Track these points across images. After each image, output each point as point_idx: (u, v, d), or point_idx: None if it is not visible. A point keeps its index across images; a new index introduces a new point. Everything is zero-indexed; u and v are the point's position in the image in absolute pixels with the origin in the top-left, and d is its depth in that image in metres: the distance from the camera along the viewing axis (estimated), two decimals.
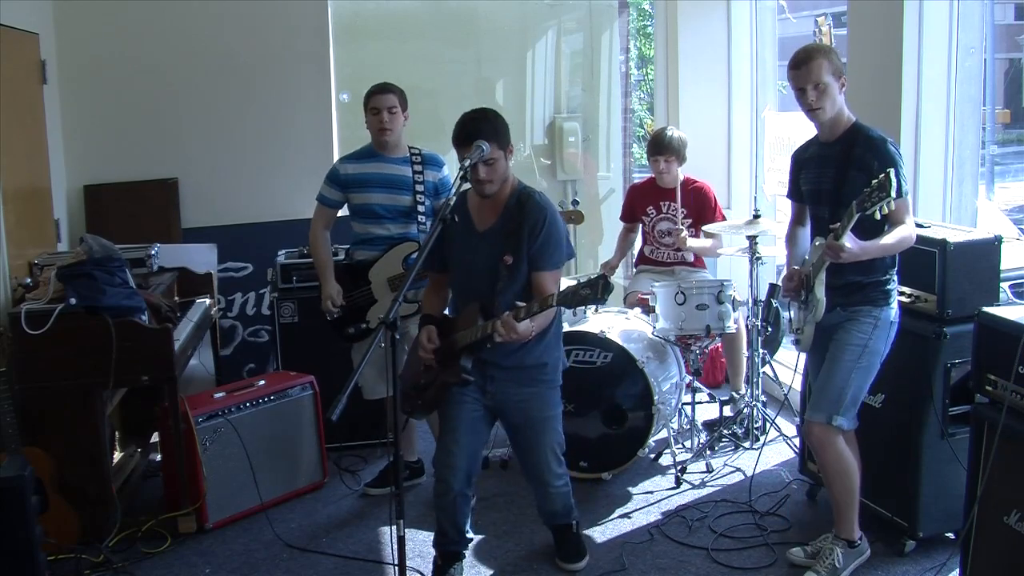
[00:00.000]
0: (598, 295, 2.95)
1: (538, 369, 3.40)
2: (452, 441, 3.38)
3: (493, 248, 3.30)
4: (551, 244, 3.29)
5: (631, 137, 7.45)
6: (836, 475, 3.40)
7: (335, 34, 5.74)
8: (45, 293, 3.79)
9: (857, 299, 3.33)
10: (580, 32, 6.68)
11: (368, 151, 4.21)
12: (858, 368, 3.30)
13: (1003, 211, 6.96)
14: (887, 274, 3.34)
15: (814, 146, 3.46)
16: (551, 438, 3.44)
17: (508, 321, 3.09)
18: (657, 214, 4.98)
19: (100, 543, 3.73)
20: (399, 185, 4.12)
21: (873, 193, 2.97)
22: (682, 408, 4.72)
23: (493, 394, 3.39)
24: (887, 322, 3.33)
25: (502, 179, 3.28)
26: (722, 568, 3.60)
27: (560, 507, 3.58)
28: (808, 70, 3.23)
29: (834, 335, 3.38)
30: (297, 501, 4.27)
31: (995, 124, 6.97)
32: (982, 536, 3.07)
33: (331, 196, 4.21)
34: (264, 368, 5.39)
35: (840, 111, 3.30)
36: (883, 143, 3.23)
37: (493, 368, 3.36)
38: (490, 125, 3.22)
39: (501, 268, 3.26)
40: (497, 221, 3.33)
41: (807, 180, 3.47)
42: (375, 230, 4.17)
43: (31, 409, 3.68)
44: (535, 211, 3.29)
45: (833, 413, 3.31)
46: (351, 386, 2.69)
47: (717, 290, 4.40)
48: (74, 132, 5.28)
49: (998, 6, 7.27)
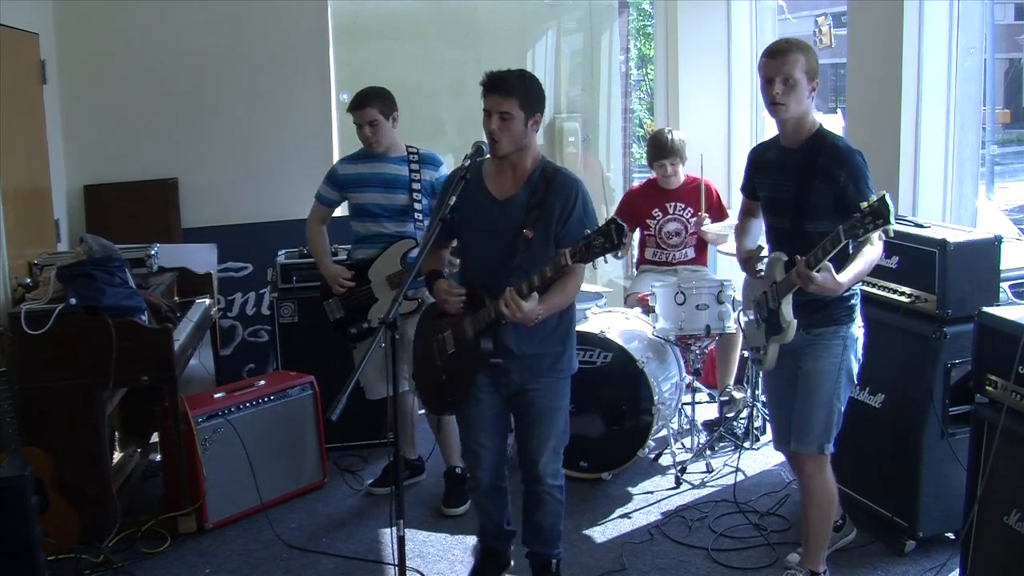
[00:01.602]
0: (614, 241, 2.75)
1: (555, 358, 3.21)
2: (474, 441, 3.31)
3: (513, 219, 3.10)
4: (586, 220, 3.08)
5: (631, 137, 7.45)
6: (820, 503, 3.26)
7: (335, 34, 5.73)
8: (45, 293, 3.79)
9: (820, 319, 3.15)
10: (580, 32, 6.67)
11: (365, 152, 4.23)
12: (837, 391, 3.17)
13: (1003, 211, 6.98)
14: (850, 290, 3.12)
15: (774, 150, 3.26)
16: (554, 428, 3.23)
17: (509, 296, 2.90)
18: (664, 216, 4.97)
19: (100, 543, 3.73)
20: (395, 184, 4.15)
21: (866, 219, 2.72)
22: (682, 408, 4.72)
23: (507, 384, 3.22)
24: (854, 337, 3.19)
25: (517, 142, 3.07)
26: (722, 568, 3.60)
27: (547, 523, 3.31)
28: (782, 61, 3.03)
29: (801, 363, 3.20)
30: (297, 501, 4.27)
31: (995, 124, 6.98)
32: (982, 536, 3.07)
33: (327, 195, 4.28)
34: (264, 368, 5.39)
35: (805, 114, 3.11)
36: (849, 152, 3.05)
37: (508, 356, 3.15)
38: (521, 82, 3.04)
39: (520, 242, 3.06)
40: (519, 192, 3.13)
41: (765, 186, 3.29)
42: (374, 228, 4.20)
43: (31, 409, 3.69)
44: (567, 185, 3.10)
45: (823, 442, 3.20)
46: (351, 386, 2.69)
47: (717, 290, 4.39)
48: (74, 132, 5.27)
49: (998, 6, 7.29)
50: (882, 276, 3.66)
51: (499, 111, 3.02)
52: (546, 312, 3.01)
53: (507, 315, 2.93)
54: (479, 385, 3.21)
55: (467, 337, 3.15)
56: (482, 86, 3.09)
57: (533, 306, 2.94)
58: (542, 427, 3.24)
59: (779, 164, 3.21)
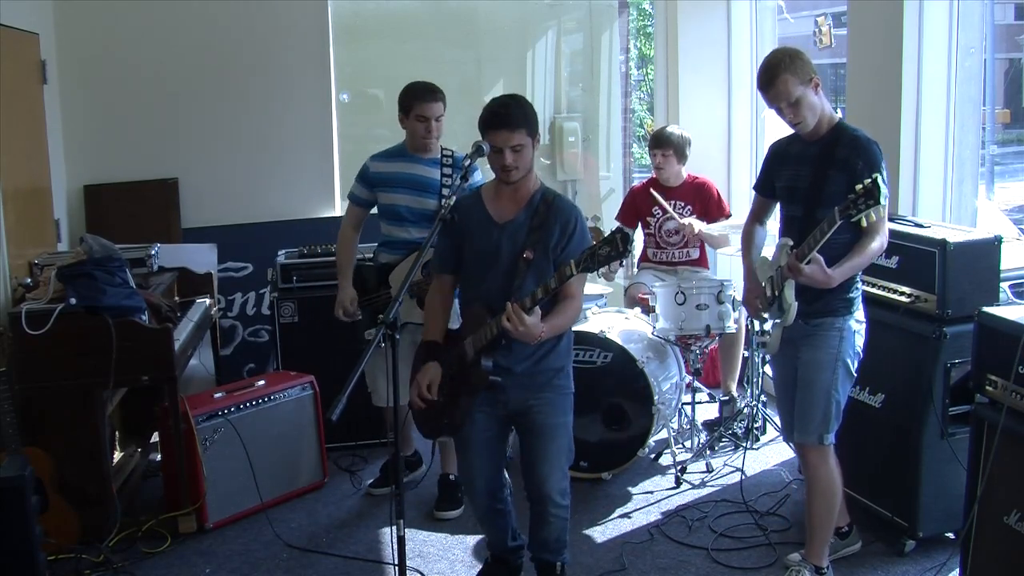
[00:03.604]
0: (619, 249, 2.75)
1: (553, 374, 3.20)
2: (468, 464, 3.31)
3: (514, 242, 3.13)
4: (584, 244, 3.11)
5: (631, 137, 7.46)
6: (824, 494, 3.30)
7: (335, 34, 5.73)
8: (45, 293, 3.79)
9: (818, 309, 3.22)
10: (580, 32, 6.67)
11: (399, 150, 4.10)
12: (835, 382, 3.23)
13: (1003, 211, 6.97)
14: (849, 281, 3.19)
15: (797, 143, 3.33)
16: (559, 445, 3.21)
17: (512, 311, 2.89)
18: (663, 213, 4.97)
19: (100, 543, 3.73)
20: (426, 188, 4.01)
21: (859, 200, 2.84)
22: (682, 408, 4.72)
23: (506, 402, 3.19)
24: (851, 330, 3.23)
25: (528, 167, 3.13)
26: (722, 568, 3.61)
27: (553, 537, 3.31)
28: (776, 91, 3.12)
29: (800, 354, 3.28)
30: (297, 501, 4.27)
31: (995, 124, 6.97)
32: (982, 536, 3.07)
33: (360, 194, 4.12)
34: (264, 368, 5.39)
35: (822, 112, 3.20)
36: (868, 143, 3.14)
37: (506, 375, 3.14)
38: (522, 111, 3.08)
39: (520, 263, 3.09)
40: (520, 214, 3.16)
41: (784, 177, 3.36)
42: (398, 233, 4.06)
43: (31, 409, 3.69)
44: (566, 210, 3.15)
45: (823, 433, 3.25)
46: (351, 386, 2.69)
47: (717, 290, 4.40)
48: (74, 132, 5.27)
49: (998, 6, 7.28)
50: (882, 276, 3.66)
51: (511, 145, 3.06)
52: (549, 332, 3.02)
53: (509, 329, 2.91)
54: (478, 405, 3.18)
55: (467, 358, 3.15)
56: (484, 124, 3.11)
57: (536, 321, 2.95)
58: (547, 445, 3.20)
59: (799, 155, 3.31)
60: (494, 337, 3.05)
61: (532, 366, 3.16)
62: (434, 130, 3.97)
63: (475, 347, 3.12)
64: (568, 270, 2.88)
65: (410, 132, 4.02)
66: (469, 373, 3.14)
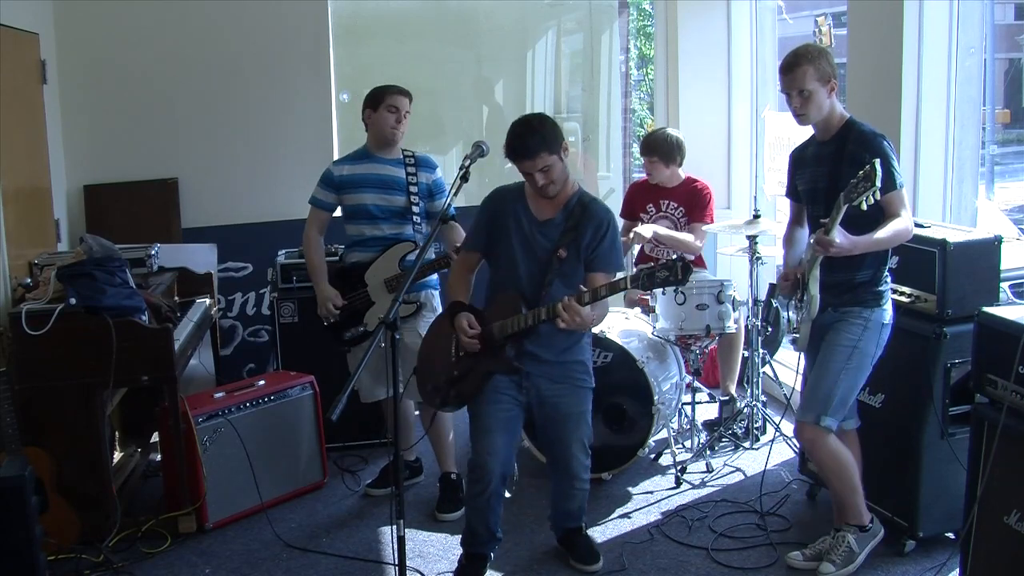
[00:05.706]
0: (678, 277, 2.94)
1: (575, 366, 3.45)
2: (488, 442, 3.38)
3: (549, 240, 3.35)
4: (615, 248, 3.39)
5: (631, 137, 7.46)
6: (832, 473, 3.43)
7: (335, 34, 5.74)
8: (45, 293, 3.79)
9: (847, 299, 3.34)
10: (580, 32, 6.67)
11: (362, 152, 4.19)
12: (847, 369, 3.31)
13: (1003, 211, 6.97)
14: (878, 273, 3.33)
15: (812, 145, 3.46)
16: (582, 431, 3.49)
17: (572, 305, 3.10)
18: (656, 212, 4.98)
19: (100, 543, 3.73)
20: (392, 186, 4.10)
21: (859, 184, 2.98)
22: (682, 408, 4.72)
23: (528, 388, 3.40)
24: (878, 324, 3.33)
25: (563, 179, 3.33)
26: (722, 568, 3.61)
27: (576, 507, 3.62)
28: (793, 77, 3.26)
29: (825, 336, 3.39)
30: (297, 501, 4.27)
31: (995, 124, 6.98)
32: (982, 536, 3.07)
33: (324, 199, 4.18)
34: (264, 368, 5.39)
35: (831, 113, 3.32)
36: (874, 137, 3.24)
37: (531, 361, 3.37)
38: (538, 137, 3.24)
39: (554, 261, 3.31)
40: (558, 215, 3.37)
41: (804, 180, 3.48)
42: (369, 231, 4.13)
43: (31, 409, 3.68)
44: (601, 213, 3.37)
45: (821, 414, 3.32)
46: (351, 386, 2.69)
47: (717, 290, 4.40)
48: (74, 132, 5.27)
49: (998, 6, 7.28)
50: None
51: (539, 169, 3.26)
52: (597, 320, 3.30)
53: (565, 319, 3.11)
54: (502, 387, 3.38)
55: (494, 340, 3.32)
56: (508, 155, 3.30)
57: (589, 312, 3.18)
58: (571, 433, 3.47)
59: (815, 157, 3.41)
60: (525, 328, 3.26)
61: (558, 355, 3.40)
62: (402, 124, 4.07)
63: (502, 332, 3.30)
64: (624, 284, 3.10)
65: (378, 126, 4.10)
66: (491, 355, 3.34)
